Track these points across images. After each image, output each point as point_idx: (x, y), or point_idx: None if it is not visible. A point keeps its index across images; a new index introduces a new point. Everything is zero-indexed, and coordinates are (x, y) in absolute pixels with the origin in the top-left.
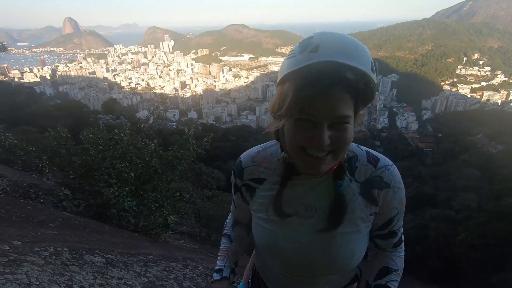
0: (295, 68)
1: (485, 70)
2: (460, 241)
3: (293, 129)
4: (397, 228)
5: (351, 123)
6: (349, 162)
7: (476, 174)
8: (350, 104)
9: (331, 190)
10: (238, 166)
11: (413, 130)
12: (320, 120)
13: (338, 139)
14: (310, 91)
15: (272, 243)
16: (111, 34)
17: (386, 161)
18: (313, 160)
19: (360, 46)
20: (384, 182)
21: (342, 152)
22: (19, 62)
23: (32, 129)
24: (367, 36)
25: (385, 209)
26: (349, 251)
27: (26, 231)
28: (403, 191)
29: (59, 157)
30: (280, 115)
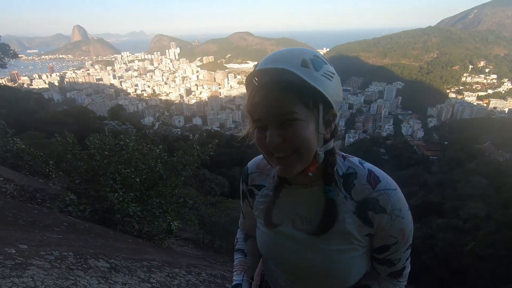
0: (246, 84)
1: (492, 77)
2: (468, 251)
3: (256, 137)
4: (395, 258)
5: (302, 120)
6: (346, 179)
7: (483, 182)
8: (295, 103)
9: (322, 199)
10: (245, 172)
11: (418, 138)
12: (268, 122)
13: (290, 137)
14: (252, 99)
15: (270, 250)
16: (119, 41)
17: (388, 184)
18: (280, 162)
19: (292, 50)
20: (380, 206)
21: (304, 150)
22: (29, 68)
23: (40, 135)
24: (371, 43)
25: (380, 234)
26: (345, 266)
27: (32, 235)
28: (405, 220)
29: (66, 162)
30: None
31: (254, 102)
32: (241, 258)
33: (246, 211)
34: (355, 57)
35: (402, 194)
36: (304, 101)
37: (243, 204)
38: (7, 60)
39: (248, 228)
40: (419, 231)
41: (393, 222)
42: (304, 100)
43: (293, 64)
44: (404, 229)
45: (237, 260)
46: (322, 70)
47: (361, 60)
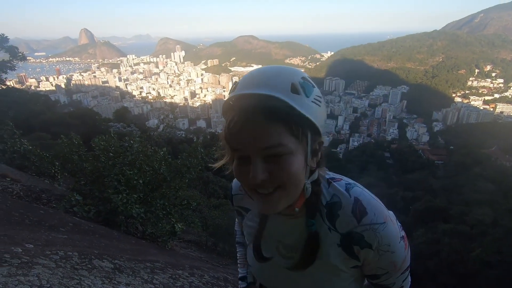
0: (223, 109)
1: (498, 82)
2: (474, 258)
3: (235, 168)
4: (390, 283)
5: (292, 153)
6: (330, 209)
7: (490, 188)
8: (281, 132)
9: (305, 230)
10: (230, 192)
11: (423, 142)
12: (252, 154)
13: (277, 173)
14: (232, 126)
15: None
16: (125, 44)
17: (375, 218)
18: (263, 198)
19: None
20: (365, 242)
21: (291, 186)
22: (36, 71)
23: (46, 136)
24: (376, 47)
25: (368, 266)
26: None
27: (38, 235)
28: (395, 254)
29: (71, 163)
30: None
31: (235, 131)
32: (242, 251)
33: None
34: (359, 61)
35: (394, 223)
36: (293, 131)
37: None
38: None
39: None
40: (424, 236)
41: (381, 257)
42: (292, 130)
43: (281, 89)
44: (395, 262)
45: (239, 253)
46: (312, 95)
47: (366, 63)
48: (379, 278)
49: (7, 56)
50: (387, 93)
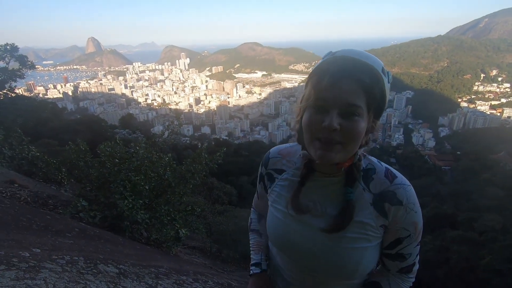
0: (317, 66)
1: (505, 86)
2: (484, 265)
3: (308, 115)
4: (407, 253)
5: (361, 117)
6: (366, 173)
7: (499, 193)
8: (361, 97)
9: (341, 193)
10: (266, 156)
11: (430, 147)
12: (331, 106)
13: (347, 128)
14: (324, 80)
15: (282, 234)
16: (131, 52)
17: (403, 180)
18: (324, 147)
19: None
20: (397, 199)
21: (351, 145)
22: (44, 79)
23: (54, 142)
24: (380, 53)
25: (394, 226)
26: (357, 256)
27: (45, 239)
28: (417, 215)
29: (78, 169)
30: (301, 105)
31: (327, 83)
32: (256, 238)
33: (260, 192)
34: None
35: (414, 191)
36: (369, 101)
37: (259, 186)
38: (25, 71)
39: (261, 208)
40: (432, 244)
41: (408, 214)
42: (369, 100)
43: (377, 66)
44: (417, 222)
45: (253, 240)
46: (390, 83)
47: None
48: (401, 243)
49: (17, 64)
50: (391, 98)
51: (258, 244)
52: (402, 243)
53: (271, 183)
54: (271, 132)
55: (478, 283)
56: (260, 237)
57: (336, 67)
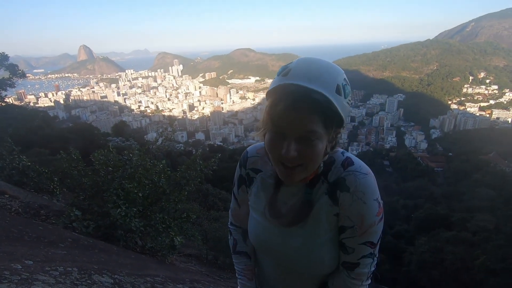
0: (271, 88)
1: (493, 88)
2: (479, 265)
3: (268, 140)
4: (349, 246)
5: (319, 139)
6: (326, 166)
7: (491, 194)
8: (317, 122)
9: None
10: (244, 156)
11: (422, 149)
12: (287, 133)
13: (305, 153)
14: (279, 108)
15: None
16: (123, 59)
17: (359, 167)
18: (286, 170)
19: (329, 70)
20: (345, 185)
21: (311, 165)
22: (35, 87)
23: (45, 151)
24: (371, 57)
25: (342, 213)
26: (318, 248)
27: (37, 251)
28: (367, 207)
29: (70, 178)
30: (262, 126)
31: (280, 112)
32: (247, 262)
33: (241, 198)
34: (355, 71)
35: (374, 182)
36: (326, 123)
37: (239, 191)
38: (15, 80)
39: (243, 218)
40: (427, 245)
41: (354, 203)
42: (326, 122)
43: (329, 89)
44: (364, 215)
45: (243, 264)
46: (348, 97)
47: (362, 73)
48: (344, 231)
49: (7, 73)
50: (383, 101)
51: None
52: (344, 232)
53: (250, 184)
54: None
55: (473, 284)
56: (250, 260)
57: (288, 95)
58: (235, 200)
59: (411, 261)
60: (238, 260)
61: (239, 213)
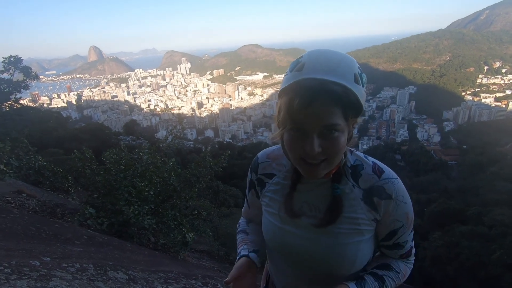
0: (286, 85)
1: (509, 78)
2: (495, 260)
3: (289, 139)
4: (403, 241)
5: (341, 131)
6: (354, 169)
7: (508, 187)
8: (338, 114)
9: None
10: (255, 162)
11: (435, 143)
12: (309, 129)
13: (329, 147)
14: (298, 105)
15: (278, 238)
16: (132, 59)
17: (391, 174)
18: (310, 167)
19: (343, 61)
20: (386, 193)
21: (335, 159)
22: (48, 89)
23: (59, 151)
24: (381, 49)
25: (387, 219)
26: (351, 250)
27: (55, 248)
28: (407, 205)
29: (84, 177)
30: (278, 125)
31: (299, 108)
32: (243, 236)
33: (251, 201)
34: (364, 64)
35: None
36: (346, 114)
37: (249, 194)
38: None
39: (252, 216)
40: (441, 240)
41: (398, 207)
42: (346, 113)
43: (348, 79)
44: (408, 212)
45: (240, 239)
46: (365, 85)
47: (371, 66)
48: (396, 234)
49: (21, 76)
50: (394, 94)
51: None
52: (397, 234)
53: (262, 189)
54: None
55: (490, 279)
56: (247, 235)
57: (306, 90)
58: (246, 201)
59: (425, 256)
60: (237, 237)
61: (249, 212)
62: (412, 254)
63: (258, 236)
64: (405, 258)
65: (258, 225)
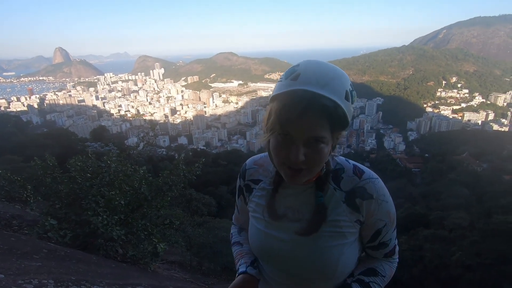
0: (280, 92)
1: (464, 92)
2: (455, 261)
3: (275, 144)
4: (387, 239)
5: (325, 143)
6: (335, 173)
7: (465, 192)
8: (325, 127)
9: (313, 197)
10: (243, 168)
11: (400, 151)
12: (296, 138)
13: (312, 156)
14: (288, 113)
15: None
16: (102, 63)
17: (371, 174)
18: (292, 172)
19: (337, 76)
20: (367, 193)
21: (316, 168)
22: (7, 91)
23: (18, 158)
24: (351, 62)
25: (370, 219)
26: (335, 253)
27: (9, 263)
28: (389, 204)
29: (45, 186)
30: (267, 129)
31: (289, 117)
32: (238, 249)
33: (241, 207)
34: None
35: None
36: (333, 127)
37: (238, 200)
38: None
39: (242, 222)
40: (406, 244)
41: (380, 206)
42: (333, 127)
43: (339, 94)
44: (390, 211)
45: (235, 252)
46: (354, 102)
47: None
48: (380, 233)
49: None
50: (363, 105)
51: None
52: (381, 233)
53: (249, 194)
54: (249, 140)
55: (451, 279)
56: (242, 246)
57: (301, 100)
58: (236, 207)
59: None
60: (233, 249)
61: (239, 218)
62: (396, 252)
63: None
64: (389, 256)
65: None
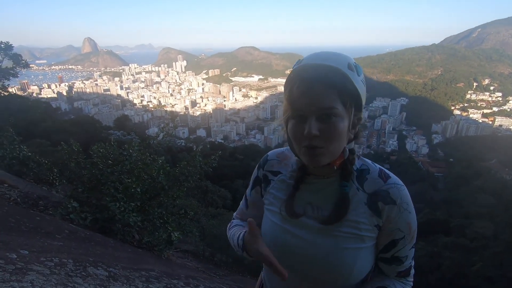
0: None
1: (496, 95)
2: (475, 272)
3: (291, 127)
4: (403, 255)
5: (339, 117)
6: (360, 173)
7: (490, 201)
8: (334, 98)
9: (337, 191)
10: (264, 158)
11: (423, 154)
12: (308, 114)
13: (327, 131)
14: (296, 91)
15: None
16: (127, 54)
17: (397, 180)
18: (311, 152)
19: (338, 53)
20: (390, 198)
21: (334, 144)
22: (39, 78)
23: (46, 143)
24: (376, 60)
25: (388, 226)
26: (351, 256)
27: (34, 241)
28: (411, 215)
29: (69, 170)
30: (284, 119)
31: (298, 93)
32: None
33: (252, 200)
34: None
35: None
36: (343, 99)
37: (252, 192)
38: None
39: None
40: (424, 249)
41: (401, 214)
42: (343, 99)
43: (341, 65)
44: (411, 223)
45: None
46: (361, 76)
47: (365, 76)
48: (396, 245)
49: (11, 63)
50: (386, 104)
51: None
52: (397, 246)
53: (266, 185)
54: (267, 136)
55: None
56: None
57: (304, 75)
58: (245, 201)
59: None
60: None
61: (245, 213)
62: (411, 274)
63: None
64: (403, 277)
65: None
